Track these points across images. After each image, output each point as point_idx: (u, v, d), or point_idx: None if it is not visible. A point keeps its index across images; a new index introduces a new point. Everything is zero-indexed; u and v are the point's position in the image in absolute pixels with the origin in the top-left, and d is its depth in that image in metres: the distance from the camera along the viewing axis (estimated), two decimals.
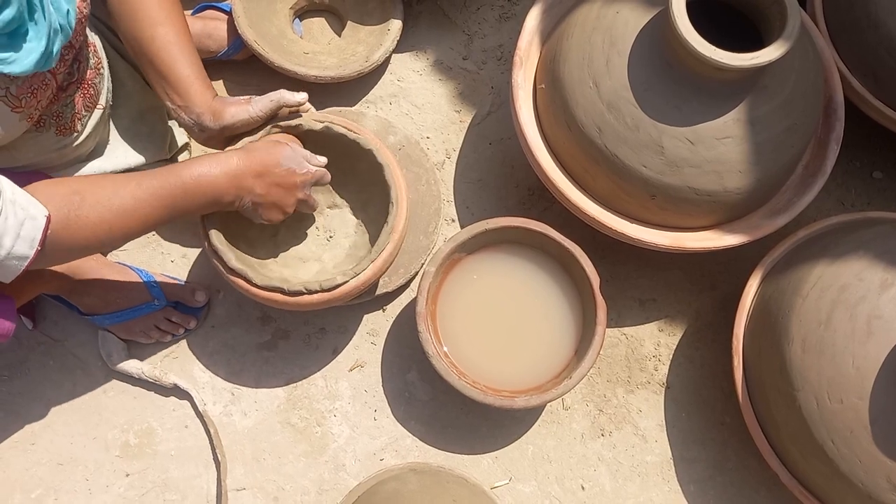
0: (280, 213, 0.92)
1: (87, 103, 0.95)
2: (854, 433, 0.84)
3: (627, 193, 0.98)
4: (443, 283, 1.05)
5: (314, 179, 0.93)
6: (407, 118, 1.26)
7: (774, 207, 1.03)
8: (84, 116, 0.96)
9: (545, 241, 1.03)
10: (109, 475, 1.06)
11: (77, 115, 0.94)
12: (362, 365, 1.13)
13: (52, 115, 0.90)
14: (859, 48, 1.09)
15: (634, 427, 1.10)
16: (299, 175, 0.91)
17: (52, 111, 0.90)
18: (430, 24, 1.31)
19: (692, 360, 1.14)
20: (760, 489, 1.07)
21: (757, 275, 1.03)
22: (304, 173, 0.91)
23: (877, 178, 1.25)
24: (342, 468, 1.07)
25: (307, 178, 0.92)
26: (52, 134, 0.91)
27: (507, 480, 1.07)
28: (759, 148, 0.93)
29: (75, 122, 0.94)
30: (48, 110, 0.89)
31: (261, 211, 0.90)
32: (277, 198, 0.90)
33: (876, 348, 0.84)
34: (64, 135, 0.93)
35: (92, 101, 0.97)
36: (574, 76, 0.97)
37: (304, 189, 0.92)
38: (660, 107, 0.92)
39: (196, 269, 1.15)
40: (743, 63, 0.85)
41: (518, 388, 1.01)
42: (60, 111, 0.91)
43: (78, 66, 0.91)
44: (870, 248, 0.91)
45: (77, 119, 0.94)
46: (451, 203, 1.22)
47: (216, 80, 1.27)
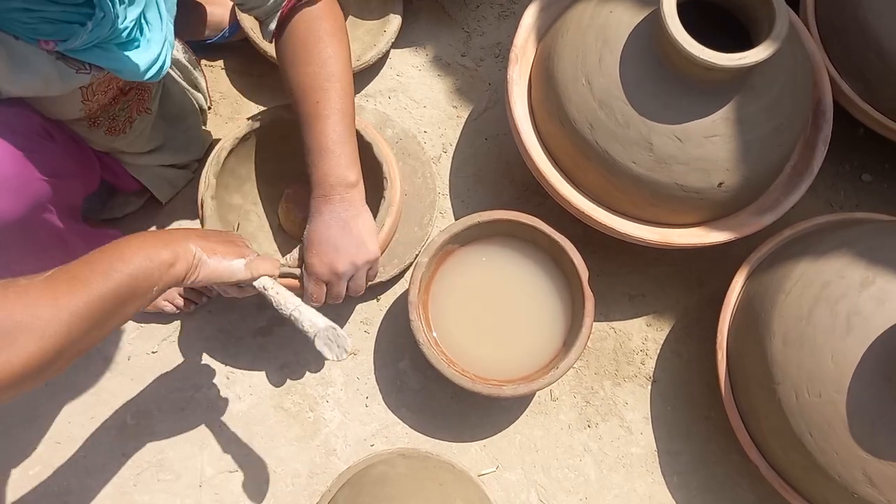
0: (232, 247, 0.83)
1: (139, 107, 0.99)
2: (832, 426, 0.86)
3: (618, 189, 1.01)
4: (435, 274, 1.08)
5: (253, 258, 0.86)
6: (405, 112, 1.29)
7: (762, 206, 1.05)
8: (135, 120, 0.99)
9: (536, 234, 1.05)
10: (106, 455, 1.08)
11: (129, 119, 0.97)
12: (355, 353, 1.15)
13: (107, 117, 0.93)
14: (849, 51, 1.11)
15: (620, 419, 1.12)
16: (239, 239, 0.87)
17: (108, 113, 0.93)
18: (429, 20, 1.34)
19: (679, 355, 1.16)
20: (742, 482, 1.09)
21: (742, 272, 1.05)
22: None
23: (866, 181, 1.27)
24: (333, 453, 1.09)
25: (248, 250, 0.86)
26: (101, 133, 0.95)
27: (494, 468, 1.09)
28: (747, 147, 0.95)
29: (126, 126, 0.97)
30: (105, 111, 0.92)
31: (212, 253, 0.80)
32: (224, 241, 0.83)
33: (855, 344, 0.86)
34: (113, 135, 0.97)
35: (143, 107, 1.00)
36: (567, 73, 0.99)
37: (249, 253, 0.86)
38: (650, 104, 0.94)
39: None
40: (731, 63, 0.87)
41: (507, 377, 1.03)
42: (116, 114, 0.95)
43: None
44: (852, 247, 0.93)
45: (129, 123, 0.98)
46: (446, 196, 1.24)
47: (215, 62, 1.30)
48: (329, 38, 0.88)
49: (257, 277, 0.84)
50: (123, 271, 0.68)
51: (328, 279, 0.90)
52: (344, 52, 0.90)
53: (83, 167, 0.91)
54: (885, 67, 1.07)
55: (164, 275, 0.72)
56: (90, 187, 0.96)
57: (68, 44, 0.70)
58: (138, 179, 1.08)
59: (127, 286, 0.68)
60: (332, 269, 0.89)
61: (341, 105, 0.89)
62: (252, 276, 0.83)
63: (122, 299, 0.68)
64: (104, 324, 0.67)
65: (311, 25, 0.88)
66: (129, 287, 0.68)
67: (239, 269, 0.82)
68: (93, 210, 1.13)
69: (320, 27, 0.88)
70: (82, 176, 0.90)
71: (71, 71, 0.76)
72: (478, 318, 1.07)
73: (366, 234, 0.90)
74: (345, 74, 0.90)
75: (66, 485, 1.06)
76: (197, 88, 1.16)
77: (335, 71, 0.89)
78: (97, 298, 0.65)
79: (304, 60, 0.88)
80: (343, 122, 0.89)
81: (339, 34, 0.90)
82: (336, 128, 0.88)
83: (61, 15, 0.68)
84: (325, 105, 0.88)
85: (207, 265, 0.78)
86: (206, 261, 0.77)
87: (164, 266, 0.72)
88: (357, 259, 0.90)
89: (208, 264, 0.78)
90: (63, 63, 0.74)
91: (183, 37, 1.12)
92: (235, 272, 0.81)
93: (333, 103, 0.88)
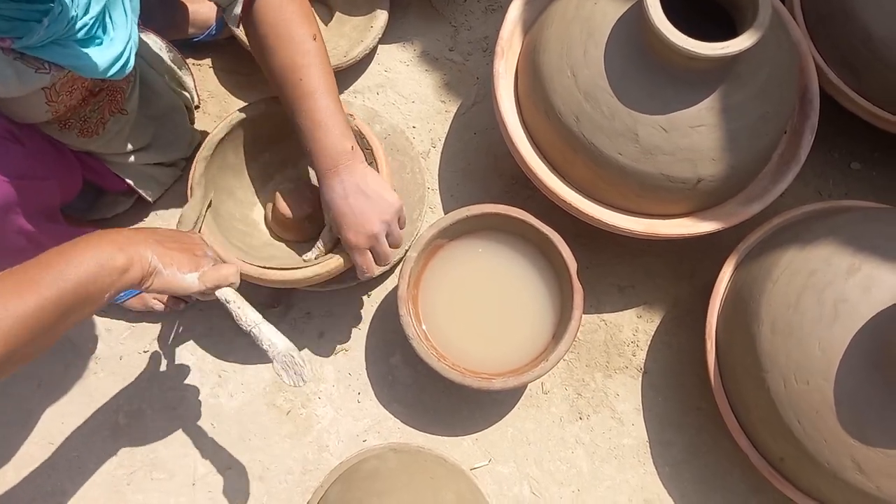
0: (189, 257, 0.80)
1: (112, 108, 0.98)
2: (820, 414, 0.87)
3: (605, 181, 1.01)
4: (425, 269, 1.08)
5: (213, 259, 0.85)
6: (393, 108, 1.29)
7: (750, 195, 1.05)
8: (108, 120, 0.99)
9: (525, 227, 1.05)
10: (99, 454, 1.08)
11: (102, 120, 0.97)
12: (347, 349, 1.15)
13: (78, 118, 0.93)
14: (836, 39, 1.11)
15: (612, 411, 1.13)
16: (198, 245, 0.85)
17: (79, 114, 0.93)
18: (417, 15, 1.34)
19: (669, 346, 1.16)
20: (734, 471, 1.09)
21: (731, 261, 1.05)
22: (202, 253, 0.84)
23: (855, 169, 1.27)
24: (326, 449, 1.10)
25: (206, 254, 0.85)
26: (74, 135, 0.95)
27: (486, 461, 1.09)
28: (733, 136, 0.95)
29: (99, 127, 0.97)
30: (76, 113, 0.92)
31: (168, 263, 0.77)
32: (182, 249, 0.81)
33: (842, 331, 0.86)
34: (86, 137, 0.97)
35: (118, 107, 1.00)
36: (553, 66, 0.99)
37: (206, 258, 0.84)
38: (635, 95, 0.94)
39: None
40: (714, 52, 0.87)
41: (497, 370, 1.03)
42: (87, 115, 0.94)
43: None
44: (839, 235, 0.93)
45: (101, 123, 0.97)
46: (435, 191, 1.24)
47: (203, 61, 1.30)
48: (299, 20, 0.90)
49: (212, 289, 0.81)
50: (72, 278, 0.66)
51: (369, 245, 0.93)
52: (315, 31, 0.92)
53: (58, 169, 0.91)
54: (871, 55, 1.07)
55: (117, 281, 0.70)
56: (70, 188, 0.96)
57: (25, 41, 0.69)
58: (124, 178, 1.08)
59: (76, 292, 0.66)
60: (368, 233, 0.92)
61: (324, 80, 0.91)
62: (206, 288, 0.80)
63: (70, 305, 0.66)
64: (52, 329, 0.66)
65: (278, 10, 0.89)
66: (79, 293, 0.67)
67: (192, 283, 0.79)
68: (81, 210, 1.13)
69: (288, 9, 0.89)
70: (57, 177, 0.89)
71: (30, 70, 0.75)
72: (468, 312, 1.07)
73: (381, 189, 0.93)
74: (321, 51, 0.92)
75: (59, 485, 1.06)
76: (183, 87, 1.16)
77: (310, 48, 0.90)
78: (45, 303, 0.64)
79: (278, 44, 0.89)
80: (330, 96, 0.91)
81: (306, 14, 0.91)
82: (324, 101, 0.90)
83: (17, 12, 0.67)
84: (308, 82, 0.90)
85: (162, 275, 0.75)
86: (161, 270, 0.75)
87: (116, 272, 0.70)
88: (385, 215, 0.93)
89: (163, 275, 0.75)
90: (21, 63, 0.74)
91: (168, 36, 1.12)
92: (189, 286, 0.79)
93: (316, 80, 0.90)
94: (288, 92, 0.91)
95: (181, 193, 1.19)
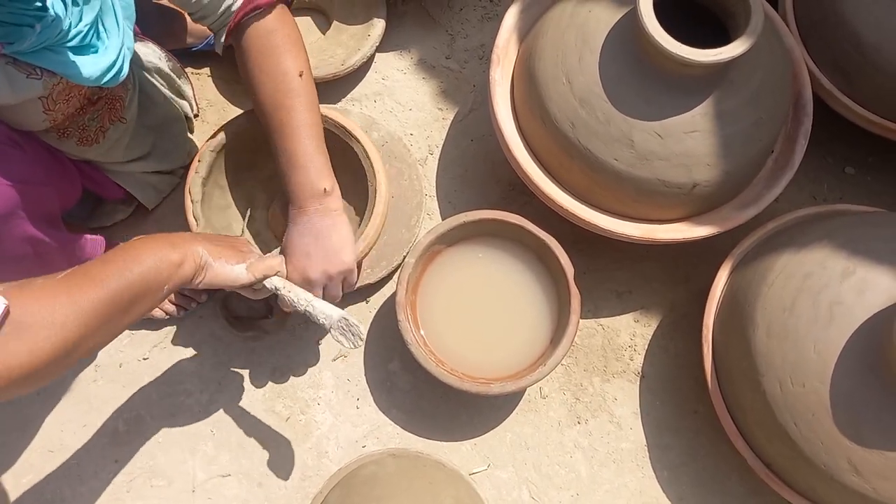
0: (236, 252, 0.86)
1: (111, 117, 0.99)
2: (816, 416, 0.87)
3: (601, 186, 1.01)
4: (423, 275, 1.08)
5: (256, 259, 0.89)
6: (391, 115, 1.30)
7: (744, 200, 1.06)
8: (107, 129, 0.99)
9: (522, 233, 1.06)
10: (99, 461, 1.09)
11: (101, 128, 0.97)
12: (345, 355, 1.15)
13: (77, 127, 0.93)
14: (828, 45, 1.12)
15: (610, 415, 1.13)
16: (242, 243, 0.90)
17: (78, 123, 0.93)
18: (413, 23, 1.35)
19: (667, 351, 1.17)
20: (732, 475, 1.10)
21: (727, 266, 1.06)
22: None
23: (849, 174, 1.28)
24: (325, 455, 1.10)
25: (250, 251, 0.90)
26: (73, 143, 0.95)
27: (485, 467, 1.10)
28: (727, 141, 0.96)
29: (98, 136, 0.98)
30: (74, 121, 0.92)
31: (217, 257, 0.83)
32: (229, 246, 0.87)
33: (837, 334, 0.87)
34: (85, 145, 0.97)
35: (116, 115, 1.00)
36: (548, 73, 1.00)
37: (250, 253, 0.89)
38: (630, 102, 0.95)
39: None
40: (707, 59, 0.88)
41: (495, 375, 1.04)
42: (87, 124, 0.94)
43: None
44: (834, 238, 0.94)
45: (101, 132, 0.98)
46: (433, 198, 1.25)
47: (201, 70, 1.31)
48: (285, 52, 0.90)
49: (260, 279, 0.87)
50: (136, 271, 0.71)
51: (301, 287, 0.91)
52: (301, 63, 0.91)
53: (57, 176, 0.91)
54: (862, 60, 1.09)
55: (174, 275, 0.76)
56: (69, 196, 0.96)
57: (16, 46, 0.70)
58: (122, 186, 1.09)
59: (139, 285, 0.71)
60: (305, 276, 0.91)
61: (307, 118, 0.90)
62: (254, 278, 0.86)
63: (134, 297, 0.71)
64: (117, 321, 0.71)
65: (265, 40, 0.90)
66: (141, 286, 0.72)
67: (241, 274, 0.85)
68: (80, 218, 1.14)
69: (274, 40, 0.90)
70: (56, 184, 0.90)
71: (21, 76, 0.75)
72: (466, 318, 1.08)
73: (339, 244, 0.91)
74: (306, 86, 0.91)
75: (59, 492, 1.07)
76: (182, 96, 1.17)
77: (295, 86, 0.90)
78: (111, 295, 0.69)
79: (263, 77, 0.90)
80: (310, 136, 0.91)
81: (294, 44, 0.91)
82: (304, 141, 0.90)
83: (9, 17, 0.68)
84: (289, 122, 0.90)
85: (213, 268, 0.81)
86: (211, 264, 0.81)
87: (173, 266, 0.76)
88: (329, 268, 0.91)
89: (213, 267, 0.81)
90: (13, 68, 0.74)
91: (167, 45, 1.13)
92: (238, 276, 0.84)
93: (298, 118, 0.90)
94: (270, 128, 0.91)
95: (180, 202, 1.20)
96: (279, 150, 0.91)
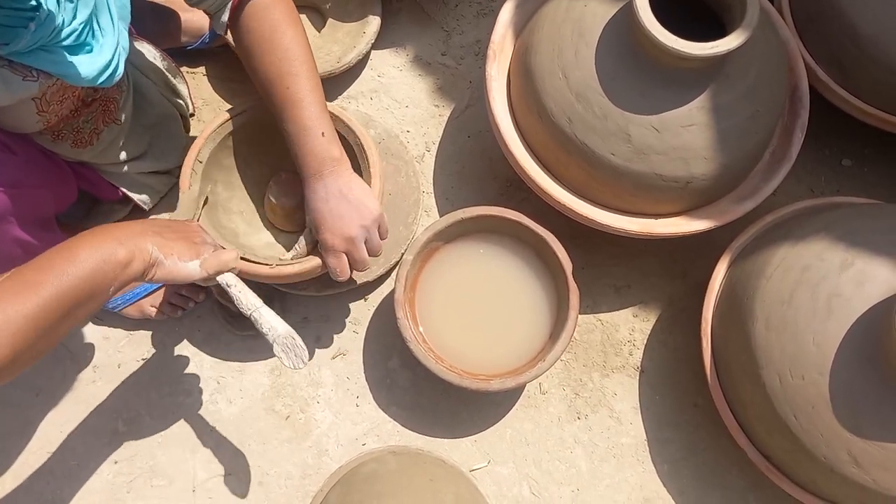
0: (189, 245, 0.81)
1: (105, 119, 0.98)
2: (815, 408, 0.87)
3: (598, 181, 1.01)
4: (421, 272, 1.08)
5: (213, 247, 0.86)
6: (387, 112, 1.29)
7: (742, 193, 1.06)
8: (102, 131, 0.99)
9: (520, 229, 1.06)
10: (98, 462, 1.08)
11: (96, 130, 0.97)
12: (344, 353, 1.15)
13: (71, 129, 0.93)
14: (824, 38, 1.12)
15: (610, 410, 1.13)
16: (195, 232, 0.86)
17: (72, 125, 0.92)
18: (409, 20, 1.35)
19: (666, 345, 1.17)
20: (732, 468, 1.10)
21: (725, 259, 1.06)
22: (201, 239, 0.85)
23: (846, 166, 1.28)
24: (325, 453, 1.10)
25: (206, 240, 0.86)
26: (67, 145, 0.95)
27: (485, 463, 1.10)
28: (724, 135, 0.96)
29: (92, 138, 0.97)
30: (68, 124, 0.92)
31: (168, 253, 0.78)
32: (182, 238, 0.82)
33: (835, 326, 0.87)
34: (80, 147, 0.97)
35: (110, 117, 1.00)
36: (545, 67, 1.00)
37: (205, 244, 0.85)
38: (627, 96, 0.95)
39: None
40: (703, 52, 0.88)
41: (495, 371, 1.04)
42: (81, 126, 0.94)
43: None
44: (831, 230, 0.94)
45: (95, 134, 0.97)
46: (430, 195, 1.25)
47: (197, 69, 1.31)
48: (285, 26, 0.90)
49: (214, 275, 0.82)
50: (76, 274, 0.66)
51: (345, 248, 0.93)
52: (302, 37, 0.93)
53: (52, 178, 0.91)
54: (859, 52, 1.08)
55: (120, 275, 0.71)
56: (64, 198, 0.96)
57: (12, 47, 0.70)
58: (118, 187, 1.08)
59: (80, 289, 0.67)
60: (345, 236, 0.93)
61: (312, 87, 0.92)
62: (208, 274, 0.81)
63: (75, 301, 0.67)
64: (59, 327, 0.67)
65: (264, 15, 0.90)
66: (83, 289, 0.67)
67: (195, 271, 0.80)
68: (76, 219, 1.14)
69: (273, 16, 0.90)
70: (51, 187, 0.89)
71: (17, 78, 0.75)
72: (464, 314, 1.07)
73: (363, 196, 0.94)
74: (308, 58, 0.93)
75: (58, 493, 1.06)
76: (178, 95, 1.16)
77: (298, 55, 0.91)
78: (49, 302, 0.64)
79: (265, 51, 0.90)
80: (317, 103, 0.92)
81: (292, 19, 0.92)
82: (312, 108, 0.91)
83: (4, 19, 0.68)
84: (296, 90, 0.91)
85: (164, 265, 0.76)
86: (162, 261, 0.76)
87: (118, 266, 0.70)
88: (364, 220, 0.93)
89: (165, 265, 0.76)
90: (8, 70, 0.74)
91: (162, 44, 1.12)
92: (191, 273, 0.79)
93: (304, 87, 0.91)
94: (276, 99, 0.92)
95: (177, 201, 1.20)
96: (288, 120, 0.91)
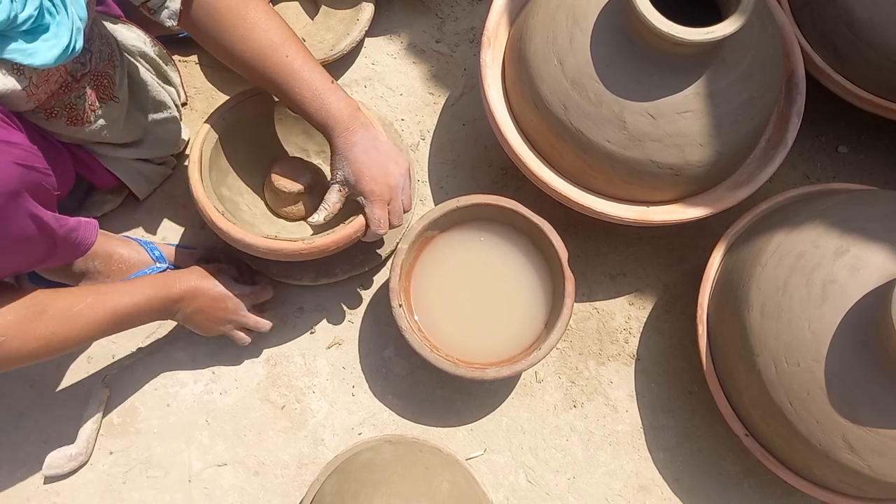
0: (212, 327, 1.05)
1: (101, 94, 0.96)
2: (811, 395, 0.87)
3: (594, 169, 1.01)
4: (416, 260, 1.08)
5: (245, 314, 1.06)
6: (381, 101, 1.28)
7: (738, 180, 1.06)
8: (98, 107, 0.96)
9: (515, 217, 1.06)
10: (94, 453, 1.08)
11: (91, 106, 0.95)
12: (340, 342, 1.15)
13: (63, 106, 0.91)
14: (820, 23, 1.12)
15: (605, 398, 1.13)
16: (231, 313, 1.04)
17: (64, 101, 0.90)
18: (402, 7, 1.33)
19: (661, 333, 1.17)
20: (727, 455, 1.10)
21: (721, 246, 1.06)
22: (235, 313, 1.04)
23: (842, 153, 1.27)
24: (321, 442, 1.10)
25: (238, 316, 1.05)
26: (63, 123, 0.92)
27: (481, 451, 1.10)
28: (719, 121, 0.96)
29: (88, 114, 0.95)
30: (60, 100, 0.90)
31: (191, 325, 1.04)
32: (205, 320, 1.03)
33: (830, 312, 0.87)
34: (76, 125, 0.94)
35: (106, 93, 0.97)
36: (539, 54, 0.99)
37: (232, 321, 1.05)
38: (622, 82, 0.94)
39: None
40: (699, 37, 0.87)
41: (490, 360, 1.03)
42: (73, 102, 0.92)
43: (90, 56, 0.92)
44: (826, 217, 0.94)
45: (91, 110, 0.95)
46: (425, 183, 1.24)
47: (189, 57, 1.30)
48: (244, 3, 0.89)
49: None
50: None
51: (389, 197, 0.96)
52: (267, 3, 0.92)
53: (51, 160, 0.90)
54: (855, 38, 1.08)
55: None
56: (64, 183, 0.95)
57: None
58: (114, 174, 1.07)
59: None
60: (390, 184, 0.96)
61: (303, 48, 0.93)
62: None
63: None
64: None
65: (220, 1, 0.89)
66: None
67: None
68: (71, 209, 1.12)
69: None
70: (52, 167, 0.88)
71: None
72: (460, 303, 1.07)
73: (392, 149, 0.97)
74: (283, 23, 0.93)
75: (54, 486, 1.06)
76: (169, 83, 1.15)
77: (279, 23, 0.91)
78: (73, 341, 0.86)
79: (243, 27, 0.89)
80: (318, 66, 0.93)
81: None
82: (317, 68, 0.93)
83: None
84: (296, 56, 0.91)
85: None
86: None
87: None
88: (401, 168, 0.97)
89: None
90: None
91: (152, 31, 1.11)
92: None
93: (300, 50, 0.92)
94: (277, 71, 0.90)
95: (169, 193, 1.19)
96: (300, 85, 0.91)
